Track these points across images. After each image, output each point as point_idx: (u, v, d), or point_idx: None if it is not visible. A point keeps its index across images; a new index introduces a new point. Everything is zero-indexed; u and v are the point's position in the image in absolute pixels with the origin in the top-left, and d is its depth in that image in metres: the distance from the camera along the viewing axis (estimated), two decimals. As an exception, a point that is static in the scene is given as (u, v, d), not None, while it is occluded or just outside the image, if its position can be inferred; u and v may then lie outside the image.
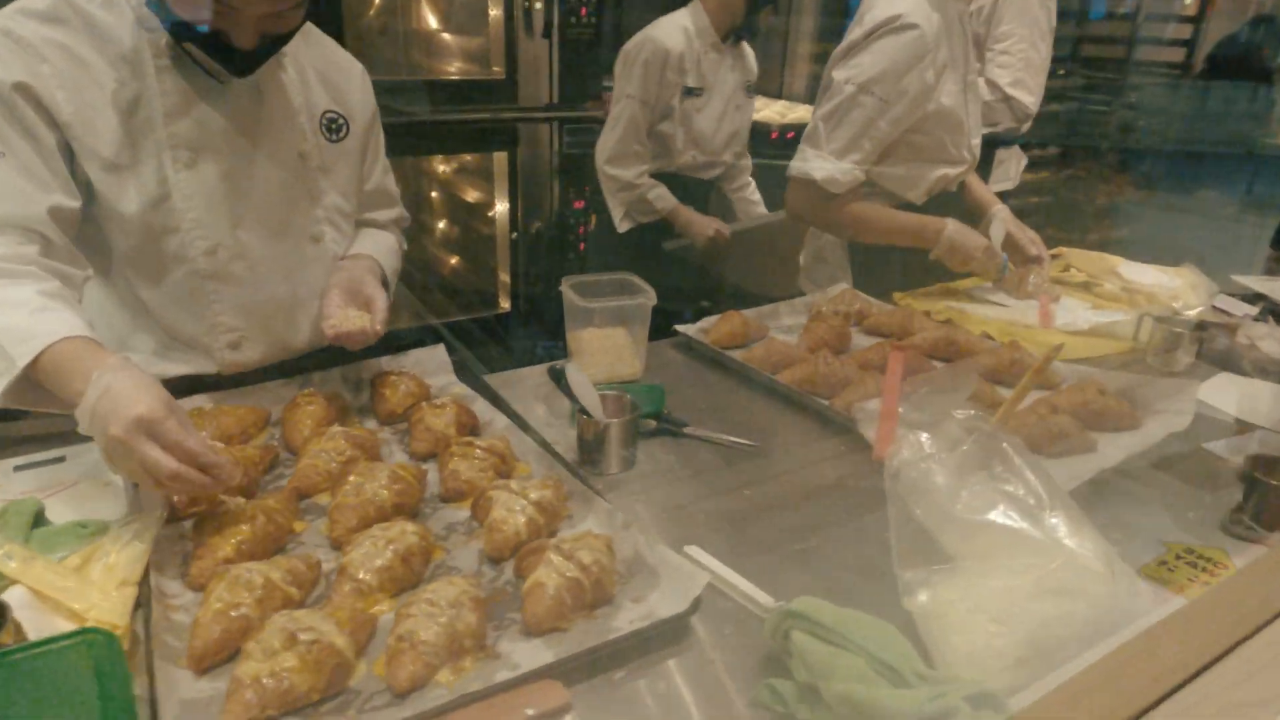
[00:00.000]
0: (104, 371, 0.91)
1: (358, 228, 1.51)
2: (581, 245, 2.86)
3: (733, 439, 1.23)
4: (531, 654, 0.79)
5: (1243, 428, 1.35)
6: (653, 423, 1.25)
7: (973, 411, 0.96)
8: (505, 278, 2.79)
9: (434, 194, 2.90)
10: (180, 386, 1.22)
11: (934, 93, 1.70)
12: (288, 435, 1.17)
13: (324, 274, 1.33)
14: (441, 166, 2.84)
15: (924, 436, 0.90)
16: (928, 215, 1.80)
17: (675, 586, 0.86)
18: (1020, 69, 2.65)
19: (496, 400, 1.31)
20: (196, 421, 1.15)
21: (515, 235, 2.70)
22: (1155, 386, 1.33)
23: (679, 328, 1.59)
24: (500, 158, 2.60)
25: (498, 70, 2.53)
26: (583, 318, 1.41)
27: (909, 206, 1.87)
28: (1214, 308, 1.85)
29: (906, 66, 1.66)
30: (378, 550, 0.88)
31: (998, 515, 0.85)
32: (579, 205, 2.78)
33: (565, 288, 1.41)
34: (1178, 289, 1.85)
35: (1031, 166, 3.21)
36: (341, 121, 1.38)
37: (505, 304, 2.80)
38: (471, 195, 2.93)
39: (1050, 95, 2.81)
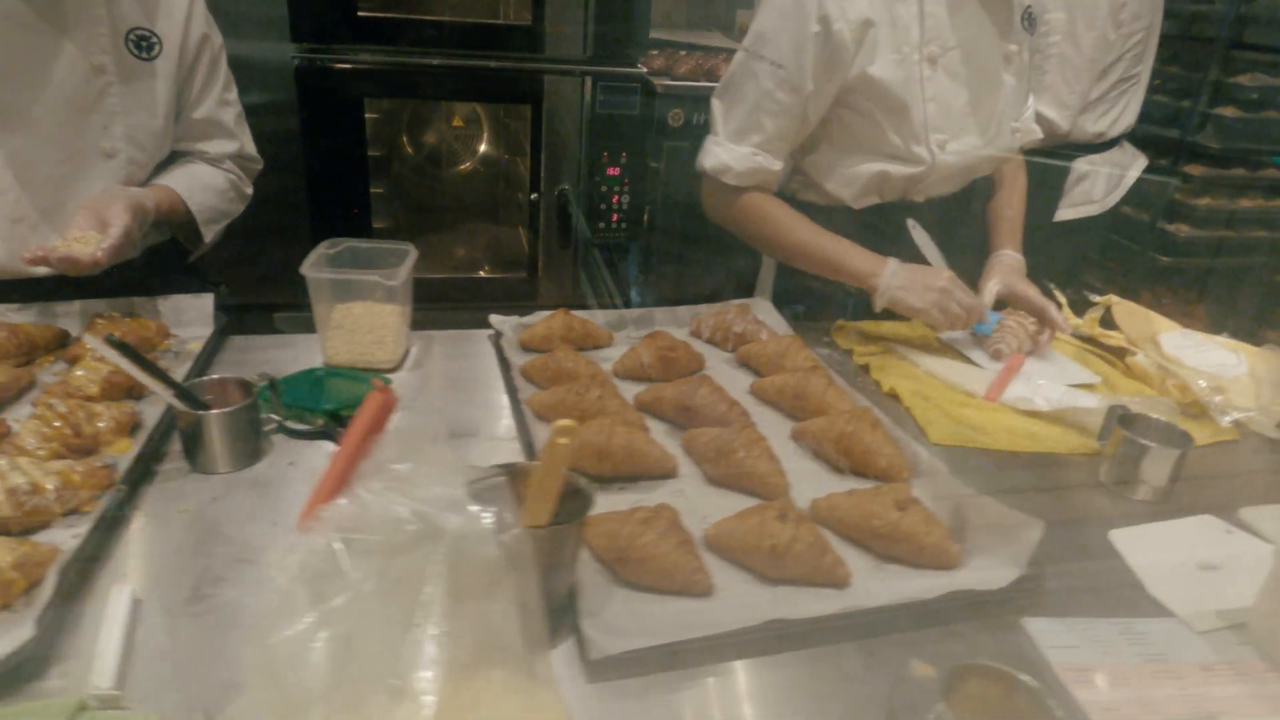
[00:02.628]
0: None
1: (185, 158, 1.44)
2: (615, 216, 2.62)
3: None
4: None
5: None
6: (275, 419, 1.04)
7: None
8: (524, 241, 2.63)
9: (453, 144, 2.78)
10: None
11: (848, 55, 1.28)
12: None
13: None
14: (458, 116, 2.72)
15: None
16: (865, 254, 1.37)
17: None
18: (1052, 71, 2.02)
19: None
20: None
21: (536, 196, 2.52)
22: (992, 514, 0.90)
23: (493, 318, 1.34)
24: (521, 112, 2.42)
25: (523, 16, 2.34)
26: (335, 290, 1.21)
27: (846, 214, 1.45)
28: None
29: (796, 18, 1.25)
30: None
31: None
32: (613, 172, 2.54)
33: (321, 250, 1.23)
34: (1241, 380, 1.27)
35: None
36: (153, 40, 1.32)
37: (522, 269, 2.65)
38: (491, 150, 2.79)
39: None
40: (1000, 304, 1.45)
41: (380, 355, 1.22)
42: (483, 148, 2.79)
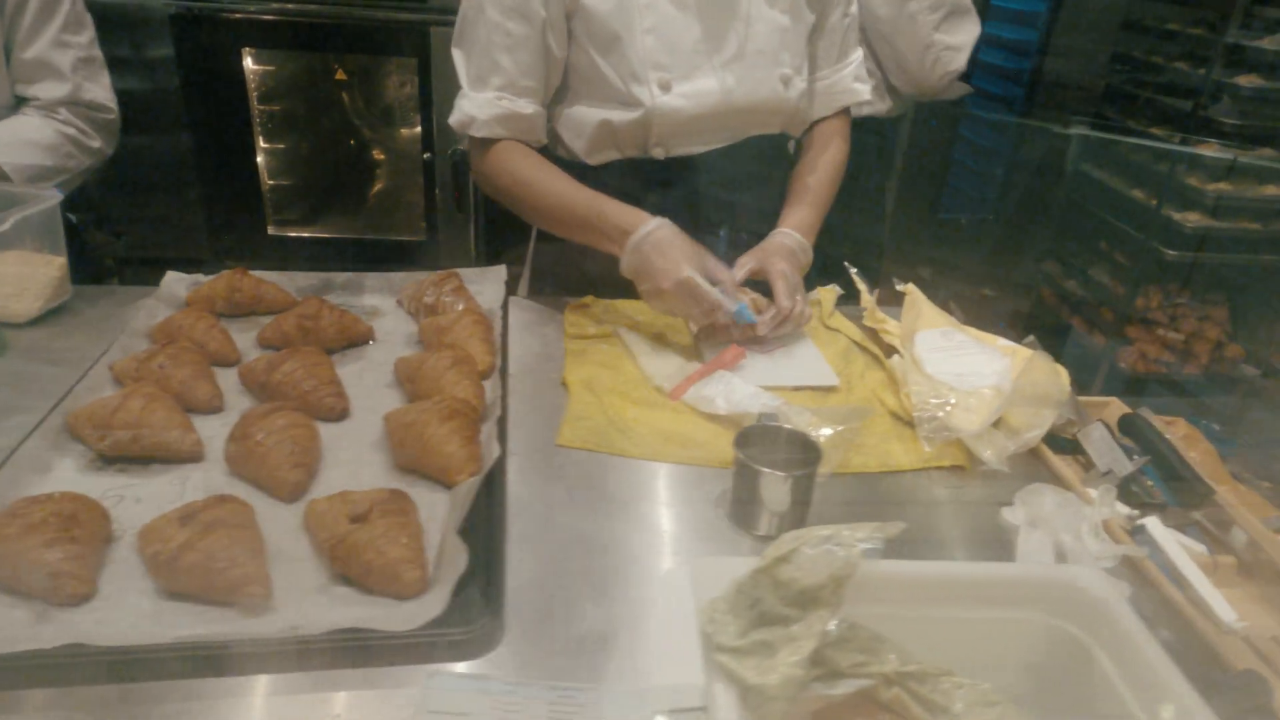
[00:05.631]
0: None
1: (18, 110, 1.38)
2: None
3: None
4: None
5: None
6: None
7: None
8: (420, 203, 2.51)
9: (343, 99, 2.68)
10: None
11: None
12: None
13: None
14: (341, 70, 2.61)
15: None
16: (627, 209, 1.17)
17: None
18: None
19: None
20: None
21: (428, 156, 2.40)
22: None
23: (169, 276, 1.23)
24: (410, 66, 2.29)
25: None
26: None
27: (588, 176, 1.26)
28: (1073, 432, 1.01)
29: None
30: None
31: None
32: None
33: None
34: (983, 394, 1.02)
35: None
36: None
37: (419, 232, 2.54)
38: (384, 107, 2.66)
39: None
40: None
41: (16, 308, 1.14)
42: (374, 104, 2.68)
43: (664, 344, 1.18)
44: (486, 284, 1.28)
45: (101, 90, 1.42)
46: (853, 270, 1.30)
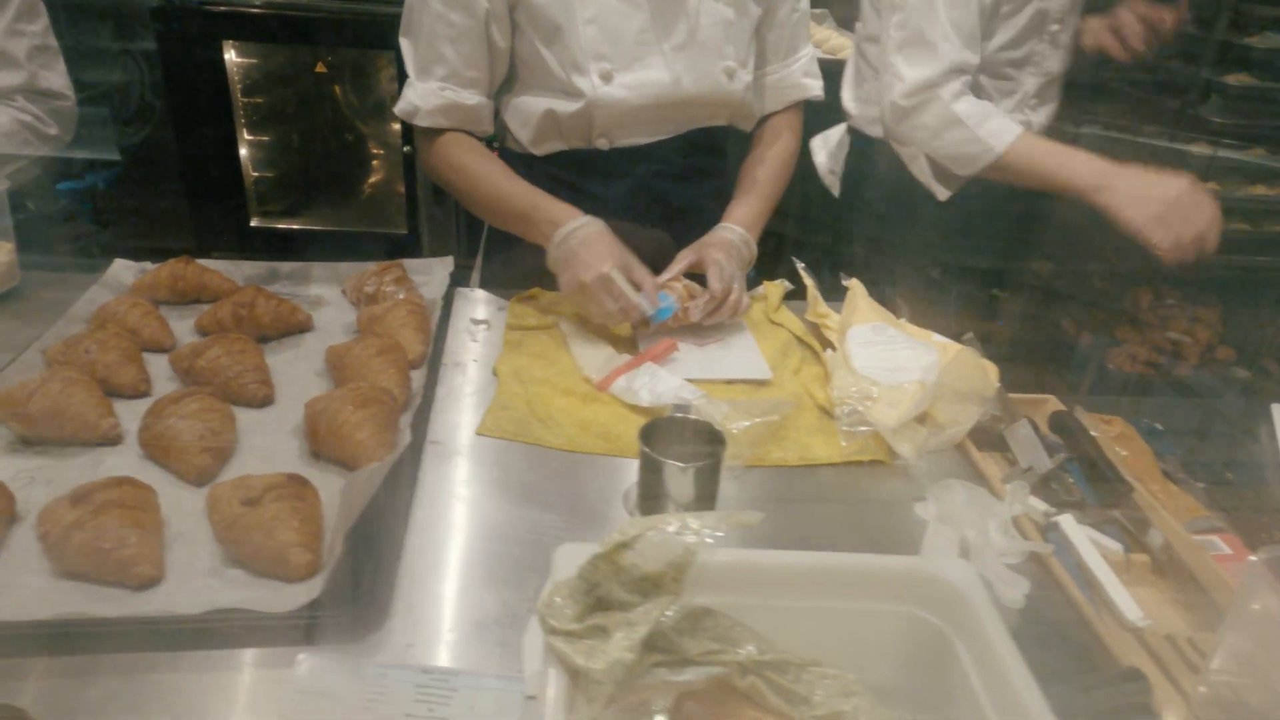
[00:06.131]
0: None
1: None
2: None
3: None
4: None
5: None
6: None
7: None
8: (403, 196, 2.53)
9: (325, 92, 2.69)
10: None
11: None
12: None
13: None
14: (332, 62, 2.62)
15: None
16: (559, 205, 1.17)
17: None
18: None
19: None
20: None
21: (409, 149, 2.41)
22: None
23: (116, 263, 1.24)
24: (389, 58, 2.30)
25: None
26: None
27: (535, 166, 1.27)
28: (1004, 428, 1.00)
29: None
30: None
31: None
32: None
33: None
34: (906, 388, 1.02)
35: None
36: None
37: (402, 225, 2.55)
38: (366, 99, 2.67)
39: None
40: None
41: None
42: (357, 97, 2.70)
43: (601, 336, 1.18)
44: (433, 275, 1.29)
45: (58, 78, 1.44)
46: (800, 265, 1.30)
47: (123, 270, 1.23)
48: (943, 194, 1.48)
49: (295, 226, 2.57)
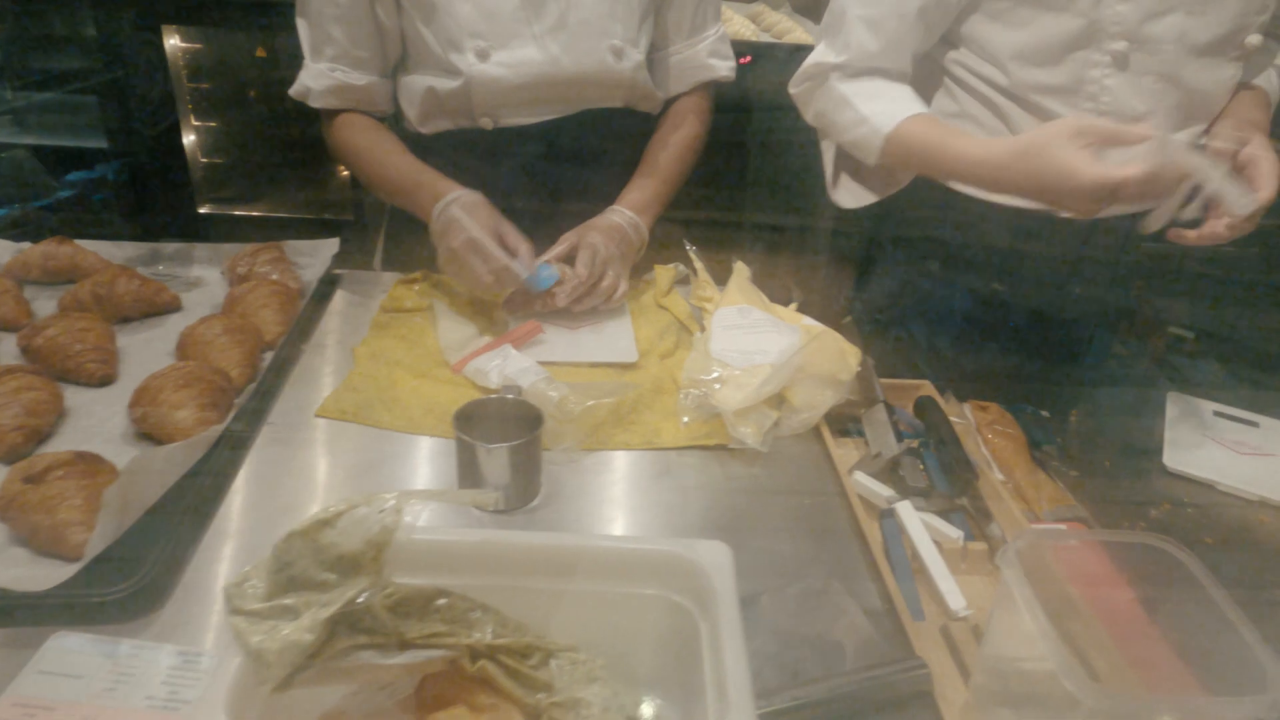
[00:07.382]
0: None
1: None
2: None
3: None
4: None
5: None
6: None
7: None
8: (348, 183, 2.51)
9: (269, 77, 2.66)
10: None
11: None
12: None
13: None
14: (273, 48, 2.60)
15: None
16: (442, 180, 1.16)
17: None
18: None
19: None
20: None
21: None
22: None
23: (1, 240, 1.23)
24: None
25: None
26: None
27: (418, 138, 1.25)
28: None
29: None
30: None
31: None
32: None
33: None
34: (762, 370, 0.99)
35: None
36: None
37: (347, 210, 2.54)
38: None
39: None
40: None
41: None
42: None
43: (471, 317, 1.16)
44: (317, 256, 1.27)
45: None
46: (690, 247, 1.27)
47: (1, 250, 1.22)
48: (849, 202, 1.23)
49: (242, 213, 2.56)
